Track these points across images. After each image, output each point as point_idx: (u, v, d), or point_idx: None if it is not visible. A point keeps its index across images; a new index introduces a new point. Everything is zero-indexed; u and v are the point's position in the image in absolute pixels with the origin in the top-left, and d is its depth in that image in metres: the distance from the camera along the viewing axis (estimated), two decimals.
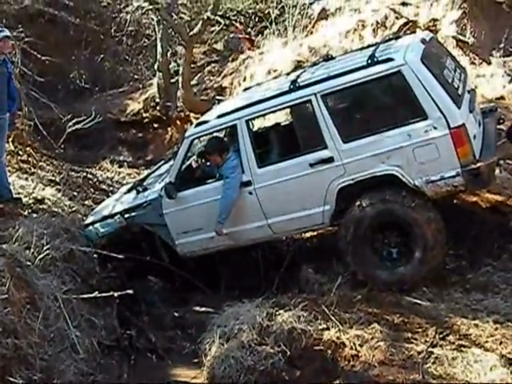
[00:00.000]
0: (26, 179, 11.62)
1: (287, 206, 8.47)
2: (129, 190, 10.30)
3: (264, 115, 9.28)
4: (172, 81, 18.26)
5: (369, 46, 9.44)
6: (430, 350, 6.91)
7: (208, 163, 9.44)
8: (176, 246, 9.27)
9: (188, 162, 9.65)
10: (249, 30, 19.16)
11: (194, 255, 9.31)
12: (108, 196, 12.01)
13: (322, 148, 8.12)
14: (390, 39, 9.17)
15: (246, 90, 10.95)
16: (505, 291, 7.78)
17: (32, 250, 8.26)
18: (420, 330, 7.28)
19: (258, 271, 9.37)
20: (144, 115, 18.85)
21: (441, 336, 7.09)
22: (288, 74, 10.18)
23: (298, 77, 8.69)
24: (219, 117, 8.97)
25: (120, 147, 18.51)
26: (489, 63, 13.32)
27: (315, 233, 9.69)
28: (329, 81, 8.15)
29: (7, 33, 10.02)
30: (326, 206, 8.27)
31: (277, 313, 7.63)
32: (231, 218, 8.70)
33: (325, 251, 9.14)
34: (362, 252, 8.13)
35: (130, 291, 7.93)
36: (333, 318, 7.48)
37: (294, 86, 8.36)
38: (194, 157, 9.87)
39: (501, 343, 6.84)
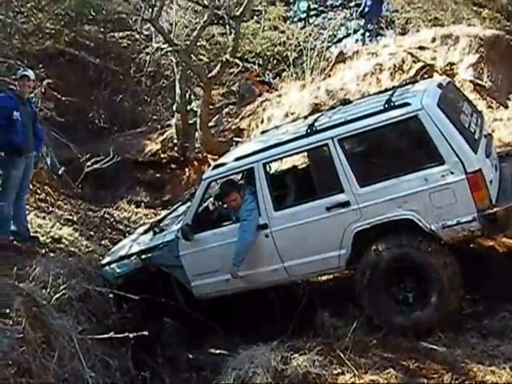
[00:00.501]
0: (44, 218, 11.66)
1: (303, 249, 8.46)
2: (146, 231, 10.33)
3: (281, 158, 9.32)
4: (190, 122, 18.43)
5: (386, 90, 9.53)
6: None
7: (225, 205, 9.45)
8: (192, 288, 9.26)
9: (205, 204, 9.69)
10: (267, 72, 19.28)
11: (209, 297, 9.29)
12: (125, 236, 12.02)
13: (339, 192, 8.13)
14: (407, 83, 9.24)
15: (263, 132, 11.05)
16: None
17: (48, 290, 8.26)
18: (436, 375, 7.19)
19: (274, 314, 9.32)
20: (162, 156, 19.00)
21: (457, 382, 7.01)
22: (305, 117, 10.27)
23: (316, 120, 8.73)
24: (237, 159, 9.01)
25: (137, 187, 18.63)
26: (506, 107, 13.38)
27: (331, 276, 9.68)
28: (346, 125, 8.20)
29: (26, 72, 10.15)
30: (342, 249, 8.26)
31: (292, 356, 7.58)
32: (247, 260, 8.69)
33: (341, 295, 9.09)
34: (377, 296, 8.10)
35: (145, 332, 7.89)
36: (348, 363, 7.41)
37: (312, 130, 8.41)
38: (211, 199, 9.90)
39: None
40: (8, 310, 7.36)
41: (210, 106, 18.60)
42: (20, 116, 9.80)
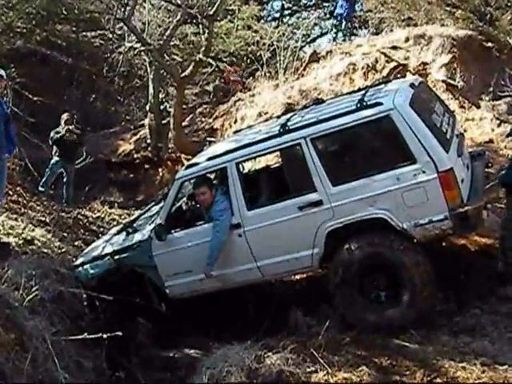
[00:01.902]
0: (16, 219, 11.54)
1: (276, 248, 8.48)
2: (119, 232, 10.28)
3: (254, 158, 9.32)
4: (163, 122, 18.40)
5: (359, 90, 9.58)
6: None
7: (198, 205, 9.45)
8: (166, 288, 9.24)
9: (178, 204, 9.69)
10: (240, 71, 19.28)
11: (183, 297, 9.27)
12: (98, 237, 11.96)
13: (312, 191, 8.17)
14: (379, 83, 9.31)
15: (236, 132, 11.06)
16: (492, 334, 7.79)
17: (21, 291, 8.16)
18: (408, 372, 7.27)
19: (248, 313, 9.34)
20: (135, 156, 18.97)
21: (429, 379, 7.09)
22: (278, 117, 10.29)
23: (288, 120, 8.76)
24: (209, 159, 9.01)
25: (111, 188, 18.57)
26: (478, 107, 13.47)
27: (304, 275, 9.71)
28: (318, 124, 8.24)
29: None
30: (315, 248, 8.29)
31: (265, 355, 7.61)
32: (221, 260, 8.70)
33: (314, 293, 9.16)
34: (350, 295, 8.15)
35: (120, 333, 7.87)
36: (321, 361, 7.46)
37: (284, 130, 8.43)
38: (184, 199, 9.91)
39: None
40: None
41: (184, 106, 18.58)
42: None
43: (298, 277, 9.84)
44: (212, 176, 9.53)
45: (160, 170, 18.20)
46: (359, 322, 8.16)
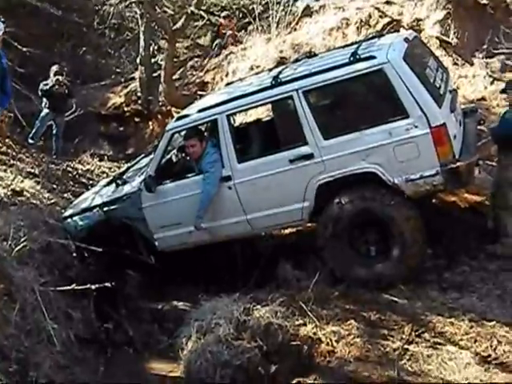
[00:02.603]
0: (5, 171, 11.49)
1: (266, 201, 8.46)
2: (108, 183, 10.24)
3: (245, 110, 9.33)
4: (154, 75, 18.25)
5: (352, 44, 9.45)
6: (405, 347, 7.01)
7: (188, 157, 9.39)
8: (155, 240, 9.23)
9: (168, 156, 9.62)
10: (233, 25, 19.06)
11: (172, 249, 9.25)
12: (87, 189, 11.92)
13: (303, 144, 8.13)
14: (372, 37, 9.17)
15: (228, 85, 10.98)
16: (481, 290, 7.84)
17: (9, 242, 8.19)
18: (396, 327, 7.35)
19: (237, 266, 9.37)
20: (125, 109, 18.82)
21: (416, 333, 7.17)
22: (270, 69, 10.17)
23: (280, 73, 8.68)
24: (200, 111, 8.94)
25: (101, 140, 18.47)
26: (471, 64, 13.38)
27: (294, 229, 9.72)
28: (311, 77, 8.16)
29: None
30: (306, 202, 8.27)
31: (254, 308, 7.62)
32: (210, 212, 8.68)
33: (303, 248, 9.16)
34: (340, 249, 8.16)
35: (108, 284, 7.87)
36: (310, 314, 7.52)
37: (276, 82, 8.36)
38: (175, 151, 9.83)
39: (475, 341, 6.92)
40: None
41: (175, 59, 18.40)
42: None
43: (287, 231, 9.83)
44: (203, 128, 9.44)
45: (150, 123, 18.06)
46: (348, 276, 8.18)
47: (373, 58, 7.86)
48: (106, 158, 16.18)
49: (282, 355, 7.24)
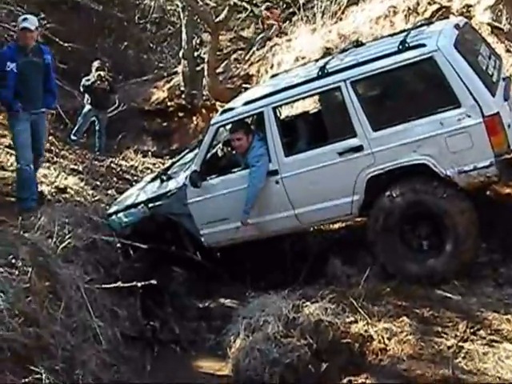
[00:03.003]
0: (49, 168, 11.55)
1: (315, 195, 8.31)
2: (153, 179, 10.19)
3: (292, 102, 9.22)
4: (197, 69, 18.19)
5: (400, 32, 9.26)
6: (460, 344, 6.79)
7: (234, 152, 9.29)
8: (201, 237, 9.14)
9: (213, 151, 9.54)
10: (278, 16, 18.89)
11: (219, 246, 9.20)
12: (132, 185, 11.91)
13: (351, 136, 7.96)
14: (421, 25, 8.95)
15: (273, 76, 10.88)
16: None
17: (54, 240, 8.20)
18: (450, 324, 7.13)
19: (285, 263, 9.22)
20: (169, 104, 18.83)
21: (472, 331, 6.95)
22: (317, 60, 10.01)
23: (327, 63, 8.51)
24: (245, 104, 8.84)
25: (144, 136, 18.55)
26: None
27: (343, 224, 9.56)
28: (359, 67, 7.99)
29: (26, 24, 9.60)
30: (355, 195, 8.10)
31: (303, 305, 7.51)
32: (257, 208, 8.58)
33: (353, 243, 9.02)
34: (391, 243, 7.97)
35: (154, 282, 7.82)
36: (361, 311, 7.36)
37: (323, 73, 8.20)
38: (220, 145, 9.74)
39: None
40: (14, 260, 7.34)
41: (218, 52, 18.33)
42: (16, 67, 9.40)
43: (336, 225, 9.68)
44: (248, 121, 9.31)
45: (194, 118, 18.05)
46: (400, 271, 7.98)
47: (422, 46, 7.67)
48: (149, 153, 16.27)
49: (332, 353, 7.10)
